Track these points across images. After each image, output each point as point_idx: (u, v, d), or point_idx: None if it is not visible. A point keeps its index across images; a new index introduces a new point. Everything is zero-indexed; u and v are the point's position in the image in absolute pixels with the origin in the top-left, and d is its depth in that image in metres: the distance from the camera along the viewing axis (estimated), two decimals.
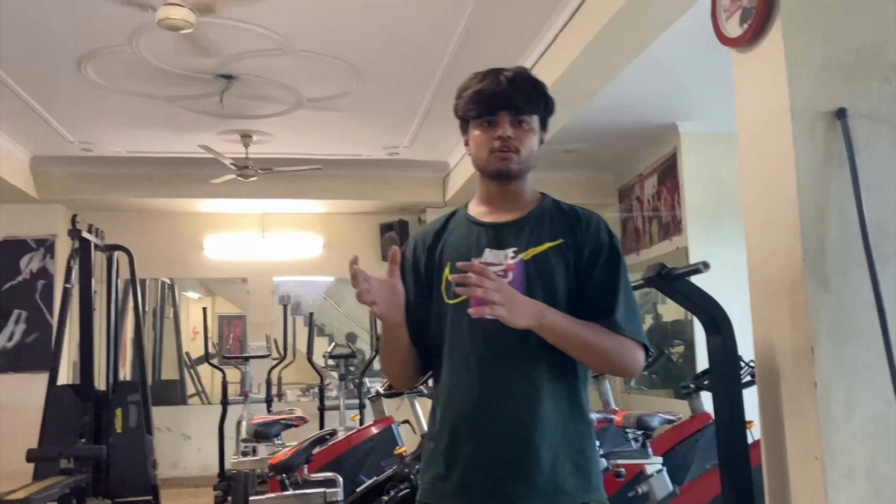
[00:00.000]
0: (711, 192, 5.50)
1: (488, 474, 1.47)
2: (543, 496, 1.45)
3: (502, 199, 1.63)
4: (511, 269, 1.54)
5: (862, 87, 2.07)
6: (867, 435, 1.92)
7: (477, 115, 1.60)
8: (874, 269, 1.93)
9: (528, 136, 1.59)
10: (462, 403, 1.52)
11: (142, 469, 6.11)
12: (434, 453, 1.55)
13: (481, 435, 1.49)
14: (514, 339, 1.48)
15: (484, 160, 1.60)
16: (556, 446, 1.47)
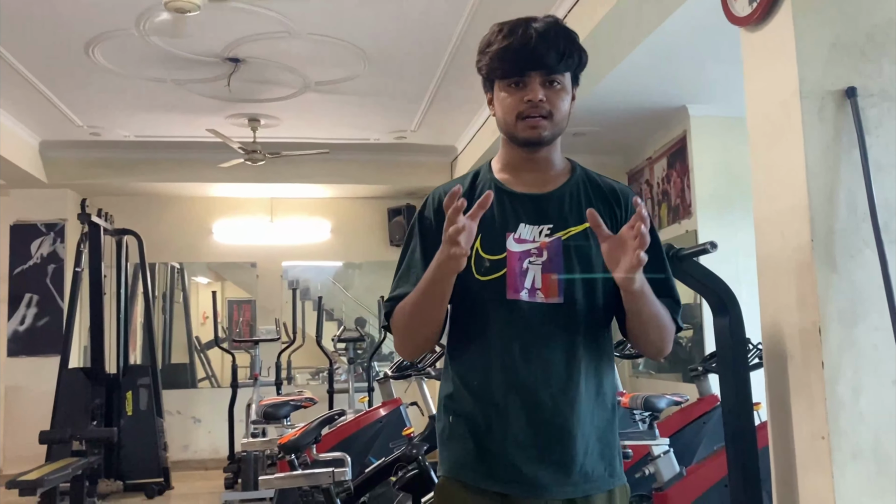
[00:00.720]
0: (721, 175, 5.47)
1: (523, 460, 1.39)
2: (574, 485, 1.39)
3: (531, 166, 1.50)
4: (545, 247, 1.43)
5: (873, 67, 2.05)
6: (874, 415, 1.92)
7: (503, 75, 1.45)
8: (883, 250, 1.92)
9: (560, 96, 1.44)
10: (498, 385, 1.41)
11: (153, 451, 6.18)
12: (462, 431, 1.45)
13: (518, 420, 1.40)
14: (554, 324, 1.42)
15: (512, 126, 1.45)
16: (587, 435, 1.42)
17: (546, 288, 1.42)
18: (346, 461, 2.68)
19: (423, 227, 1.51)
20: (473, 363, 1.46)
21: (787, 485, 2.10)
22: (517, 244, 1.44)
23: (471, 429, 1.44)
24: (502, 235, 1.44)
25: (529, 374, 1.40)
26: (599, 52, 4.03)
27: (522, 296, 1.41)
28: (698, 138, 5.60)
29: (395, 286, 1.51)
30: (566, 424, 1.40)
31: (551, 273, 1.42)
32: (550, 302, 1.42)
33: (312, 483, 2.64)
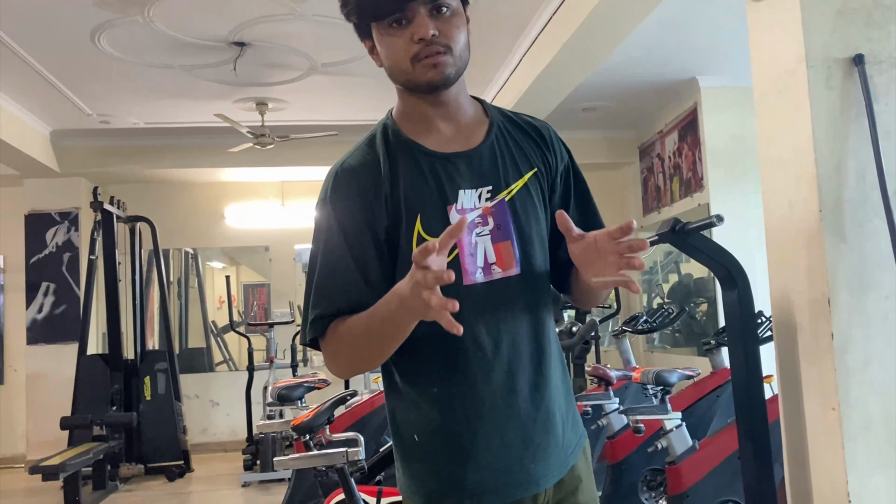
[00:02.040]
0: (733, 147, 5.43)
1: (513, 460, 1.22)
2: (562, 465, 1.27)
3: (441, 114, 1.27)
4: (489, 213, 1.22)
5: (881, 32, 2.02)
6: (884, 385, 1.91)
7: (381, 13, 1.20)
8: (892, 218, 1.90)
9: (453, 24, 1.20)
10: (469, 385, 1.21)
11: (172, 435, 6.27)
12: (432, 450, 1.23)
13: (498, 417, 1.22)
14: (516, 299, 1.24)
15: (408, 73, 1.21)
16: (562, 407, 1.29)
17: (501, 260, 1.22)
18: (359, 441, 2.70)
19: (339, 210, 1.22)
20: (432, 369, 1.22)
21: (798, 456, 2.09)
22: (460, 216, 1.20)
23: (442, 445, 1.22)
24: (443, 209, 1.20)
25: (502, 363, 1.22)
26: (608, 25, 4.00)
27: (477, 277, 1.20)
28: (709, 110, 5.54)
29: (318, 299, 1.21)
30: (548, 406, 1.25)
31: (503, 242, 1.22)
32: (508, 275, 1.23)
33: (326, 463, 2.66)
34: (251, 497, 5.51)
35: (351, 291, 1.19)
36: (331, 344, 1.21)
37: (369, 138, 1.30)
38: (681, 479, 2.99)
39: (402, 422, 1.26)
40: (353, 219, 1.21)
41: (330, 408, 2.84)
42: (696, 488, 2.96)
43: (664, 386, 3.08)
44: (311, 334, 1.22)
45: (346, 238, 1.21)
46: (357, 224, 1.21)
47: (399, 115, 1.30)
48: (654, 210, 6.55)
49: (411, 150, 1.25)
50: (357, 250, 1.20)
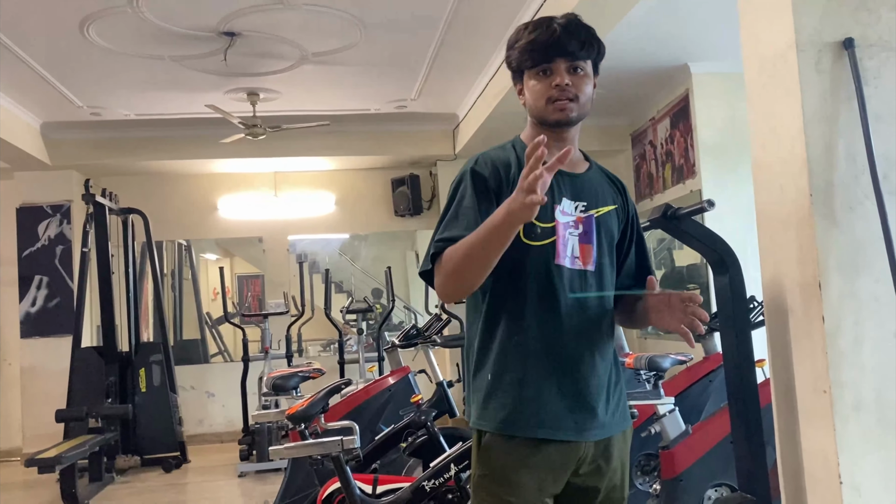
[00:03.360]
0: (725, 133, 5.42)
1: (565, 409, 1.57)
2: (602, 427, 1.61)
3: (558, 147, 1.59)
4: (581, 221, 1.63)
5: (871, 15, 2.02)
6: (875, 368, 1.92)
7: (532, 64, 1.61)
8: (882, 201, 1.91)
9: (584, 81, 1.62)
10: (542, 342, 1.58)
11: (168, 426, 6.28)
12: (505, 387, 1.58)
13: (559, 372, 1.58)
14: (589, 289, 1.62)
15: (542, 109, 1.62)
16: (611, 385, 1.64)
17: (583, 257, 1.62)
18: (354, 429, 2.71)
19: (477, 180, 1.60)
20: (523, 321, 1.58)
21: (790, 439, 2.11)
22: (563, 216, 1.61)
23: (513, 384, 1.57)
24: (551, 206, 1.59)
25: (572, 331, 1.59)
26: (599, 11, 3.99)
27: (565, 262, 1.59)
28: (700, 96, 5.54)
29: (444, 229, 1.57)
30: (599, 374, 1.61)
31: (587, 244, 1.63)
32: (587, 269, 1.62)
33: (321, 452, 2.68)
34: (248, 487, 5.52)
35: (469, 227, 1.51)
36: (444, 263, 1.53)
37: (504, 145, 1.69)
38: (674, 464, 3.01)
39: (484, 363, 1.61)
40: (484, 187, 1.59)
41: (324, 397, 2.85)
42: (689, 472, 2.98)
43: (657, 371, 3.09)
44: (433, 249, 1.55)
45: (477, 197, 1.57)
46: (486, 190, 1.58)
47: (526, 138, 1.67)
48: (647, 197, 6.56)
49: None
50: (482, 206, 1.55)
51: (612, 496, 1.66)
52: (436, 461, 2.88)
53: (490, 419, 1.59)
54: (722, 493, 3.02)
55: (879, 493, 1.89)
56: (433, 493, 2.76)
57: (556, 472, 1.58)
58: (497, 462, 1.58)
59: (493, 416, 1.58)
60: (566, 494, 1.63)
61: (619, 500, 1.67)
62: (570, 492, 1.62)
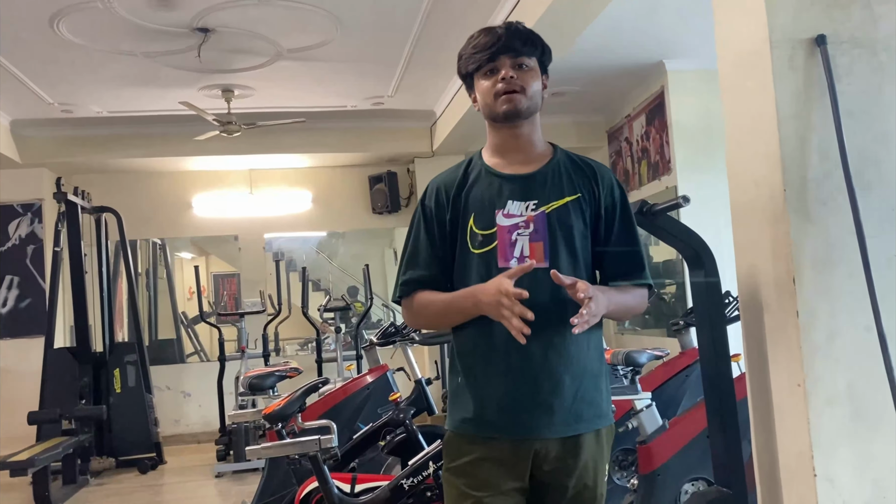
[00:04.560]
0: (700, 129, 5.47)
1: (520, 408, 1.61)
2: (565, 425, 1.62)
3: (516, 146, 1.70)
4: (532, 220, 1.64)
5: (843, 13, 2.03)
6: (849, 361, 1.94)
7: (479, 66, 1.68)
8: (855, 197, 1.92)
9: (529, 76, 1.67)
10: (497, 344, 1.62)
11: (143, 427, 6.21)
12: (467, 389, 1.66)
13: (515, 372, 1.61)
14: (542, 286, 1.60)
15: (492, 105, 1.67)
16: (577, 381, 1.63)
17: (534, 254, 1.64)
18: (331, 428, 2.69)
19: (426, 213, 1.73)
20: (473, 327, 1.65)
21: (765, 432, 2.12)
22: (506, 219, 1.65)
23: (474, 386, 1.65)
24: (492, 212, 1.65)
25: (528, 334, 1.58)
26: (575, 7, 4.00)
27: (512, 263, 1.62)
28: (676, 93, 5.58)
29: (406, 268, 1.73)
30: (556, 372, 1.61)
31: (537, 242, 1.64)
32: (538, 267, 1.60)
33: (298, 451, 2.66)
34: (225, 487, 5.47)
35: (427, 264, 1.70)
36: (415, 309, 1.72)
37: (460, 163, 1.77)
38: (652, 458, 3.03)
39: (454, 366, 1.72)
40: (431, 219, 1.72)
41: (301, 396, 2.82)
42: (666, 467, 3.00)
43: (634, 366, 3.11)
44: (399, 293, 1.73)
45: (428, 232, 1.72)
46: (432, 223, 1.72)
47: (486, 149, 1.76)
48: None
49: (482, 171, 1.72)
50: (431, 238, 1.71)
51: (584, 495, 1.67)
52: (414, 459, 2.87)
53: (451, 419, 1.71)
54: (699, 486, 3.05)
55: (853, 486, 1.91)
56: (411, 491, 2.75)
57: (510, 467, 1.63)
58: (456, 457, 1.67)
59: (453, 416, 1.70)
60: (535, 491, 1.67)
61: (591, 500, 1.68)
62: (537, 488, 1.66)
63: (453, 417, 1.70)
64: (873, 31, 2.03)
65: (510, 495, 1.63)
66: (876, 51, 2.03)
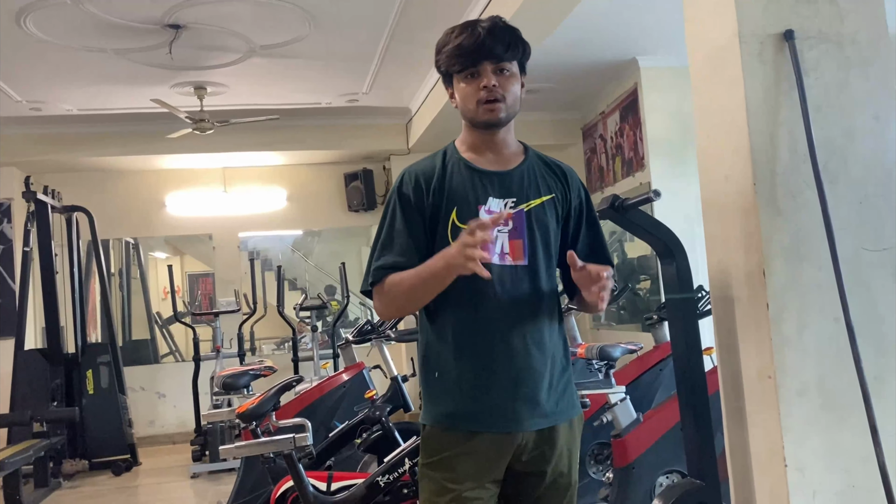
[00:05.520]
0: (673, 126, 5.50)
1: (501, 400, 1.63)
2: (544, 416, 1.65)
3: (490, 147, 1.72)
4: (511, 217, 1.66)
5: (810, 8, 2.06)
6: (818, 353, 1.97)
7: (460, 68, 1.67)
8: (823, 190, 1.95)
9: (510, 82, 1.67)
10: (476, 337, 1.64)
11: (117, 428, 6.14)
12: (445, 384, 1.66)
13: (495, 365, 1.63)
14: (521, 282, 1.66)
15: (472, 112, 1.67)
16: (553, 373, 1.67)
17: (513, 252, 1.66)
18: (306, 427, 2.68)
19: (403, 201, 1.70)
20: (452, 321, 1.66)
21: (737, 424, 2.15)
22: (487, 215, 1.64)
23: (455, 380, 1.65)
24: (475, 208, 1.66)
25: (503, 325, 1.64)
26: (547, 5, 4.01)
27: (493, 260, 1.63)
28: (649, 90, 5.61)
29: (380, 254, 1.68)
30: (536, 365, 1.64)
31: (517, 239, 1.67)
32: (517, 264, 1.66)
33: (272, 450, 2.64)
34: (200, 488, 5.43)
35: (403, 251, 1.65)
36: (386, 292, 1.66)
37: (435, 153, 1.76)
38: (626, 452, 3.05)
39: (427, 362, 1.71)
40: (410, 207, 1.68)
41: (275, 394, 2.80)
42: (641, 460, 3.02)
43: (608, 361, 3.12)
44: (371, 278, 1.67)
45: (405, 219, 1.68)
46: (411, 210, 1.68)
47: (459, 142, 1.76)
48: (598, 190, 6.63)
49: (461, 165, 1.72)
50: (409, 225, 1.67)
51: (559, 482, 1.69)
52: (390, 456, 2.87)
53: (430, 414, 1.69)
54: (673, 479, 3.07)
55: (823, 475, 1.93)
56: (388, 488, 2.74)
57: (493, 461, 1.64)
58: (437, 451, 1.66)
59: (433, 411, 1.69)
60: (511, 481, 1.68)
61: (566, 486, 1.70)
62: (514, 478, 1.67)
63: (432, 412, 1.69)
64: (840, 26, 2.06)
65: (488, 488, 1.65)
66: (843, 45, 2.06)
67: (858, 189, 2.02)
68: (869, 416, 1.84)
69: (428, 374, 1.71)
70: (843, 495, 1.94)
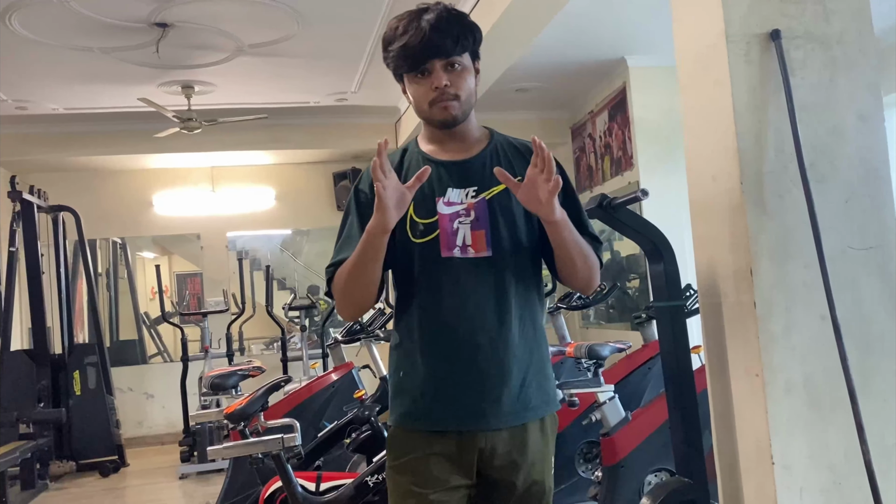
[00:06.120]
0: (661, 125, 5.52)
1: (466, 399, 1.56)
2: (513, 414, 1.58)
3: (451, 139, 1.66)
4: (472, 207, 1.59)
5: (796, 8, 2.07)
6: (805, 351, 1.97)
7: (409, 69, 1.59)
8: (809, 189, 1.96)
9: (462, 77, 1.60)
10: (440, 335, 1.58)
11: (104, 429, 6.11)
12: (410, 383, 1.60)
13: (459, 363, 1.56)
14: (485, 275, 1.57)
15: (426, 112, 1.61)
16: (524, 370, 1.59)
17: (476, 243, 1.58)
18: (295, 427, 2.67)
19: (359, 199, 1.65)
20: (416, 319, 1.60)
21: (725, 422, 2.15)
22: (447, 207, 1.60)
23: (418, 380, 1.59)
24: (433, 200, 1.59)
25: (466, 321, 1.56)
26: (536, 2, 4.01)
27: (455, 253, 1.57)
28: (637, 89, 5.63)
29: (336, 254, 1.63)
30: (502, 362, 1.57)
31: (479, 230, 1.58)
32: (480, 256, 1.58)
33: (261, 450, 2.63)
34: (189, 489, 5.40)
35: None
36: (335, 285, 1.60)
37: (396, 150, 1.70)
38: (615, 450, 3.06)
39: (394, 361, 1.66)
40: (365, 203, 1.62)
41: (264, 395, 2.79)
42: (630, 458, 3.03)
43: (597, 359, 3.13)
44: (328, 275, 1.62)
45: (361, 218, 1.61)
46: (367, 206, 1.59)
47: (421, 137, 1.72)
48: (587, 189, 6.64)
49: (420, 158, 1.66)
50: (365, 222, 1.54)
51: (533, 490, 1.63)
52: (379, 456, 2.86)
53: (393, 414, 1.64)
54: (661, 477, 3.08)
55: (809, 472, 1.94)
56: (376, 489, 2.74)
57: (456, 462, 1.58)
58: (401, 453, 1.62)
59: (396, 410, 1.64)
60: (483, 489, 1.62)
61: (539, 494, 1.64)
62: (485, 485, 1.61)
63: (397, 412, 1.64)
64: (826, 26, 2.07)
65: (457, 491, 1.59)
66: (829, 45, 2.07)
67: (844, 188, 2.03)
68: (855, 413, 1.85)
69: (394, 373, 1.66)
70: (830, 492, 1.95)
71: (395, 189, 1.46)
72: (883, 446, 1.94)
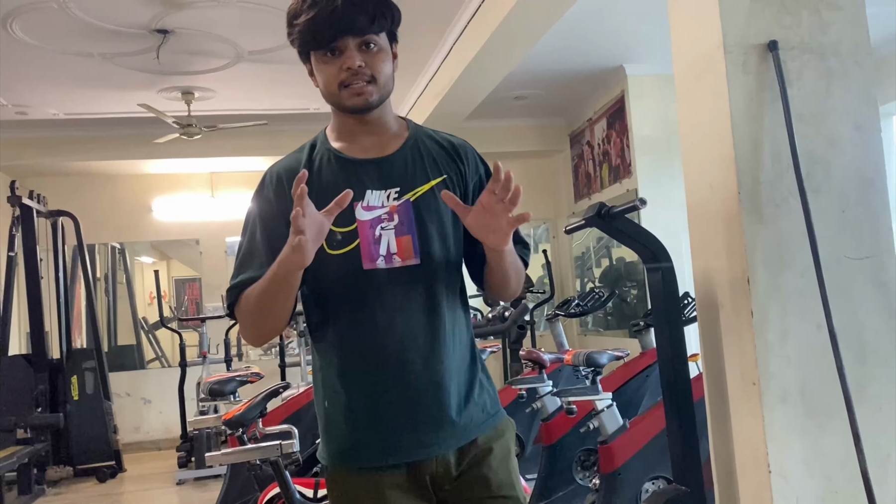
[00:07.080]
0: (660, 133, 5.55)
1: (403, 426, 1.38)
2: (457, 436, 1.40)
3: (364, 131, 1.46)
4: (395, 210, 1.41)
5: (793, 19, 2.08)
6: (801, 359, 1.98)
7: (317, 45, 1.40)
8: (806, 198, 1.97)
9: (379, 58, 1.40)
10: (367, 357, 1.39)
11: (102, 435, 6.10)
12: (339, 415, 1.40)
13: (392, 387, 1.38)
14: (414, 286, 1.40)
15: (336, 96, 1.41)
16: (460, 385, 1.43)
17: (402, 251, 1.40)
18: (293, 433, 2.67)
19: (263, 206, 1.45)
20: (338, 339, 1.41)
21: (721, 430, 2.16)
22: (366, 212, 1.40)
23: (347, 410, 1.39)
24: (349, 206, 1.33)
25: (395, 338, 1.38)
26: (536, 11, 4.03)
27: (379, 264, 1.39)
28: (636, 97, 5.66)
29: (238, 272, 1.42)
30: (438, 380, 1.39)
31: (404, 236, 1.40)
32: (408, 264, 1.40)
33: (259, 457, 2.63)
34: (186, 495, 5.40)
35: (264, 265, 1.36)
36: (240, 310, 1.41)
37: (303, 146, 1.50)
38: (613, 458, 3.06)
39: (318, 391, 1.46)
40: (271, 213, 1.43)
41: (262, 401, 2.80)
42: (627, 466, 3.03)
43: (595, 367, 3.13)
44: (227, 301, 1.44)
45: (265, 229, 1.42)
46: (273, 217, 1.42)
47: (330, 129, 1.51)
48: (585, 196, 6.66)
49: (330, 156, 1.46)
50: (272, 236, 1.39)
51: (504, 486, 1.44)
52: None
53: (325, 452, 1.44)
54: (659, 485, 3.09)
55: (805, 480, 1.95)
56: None
57: (411, 490, 1.39)
58: (340, 497, 1.43)
59: (328, 448, 1.43)
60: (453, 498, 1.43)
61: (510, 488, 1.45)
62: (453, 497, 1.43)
63: (327, 450, 1.42)
64: (822, 37, 2.09)
65: None
66: (825, 56, 2.08)
67: (840, 198, 2.05)
68: (851, 422, 1.86)
69: (318, 404, 1.45)
70: (826, 501, 1.96)
71: (313, 221, 1.23)
72: (879, 455, 1.95)
